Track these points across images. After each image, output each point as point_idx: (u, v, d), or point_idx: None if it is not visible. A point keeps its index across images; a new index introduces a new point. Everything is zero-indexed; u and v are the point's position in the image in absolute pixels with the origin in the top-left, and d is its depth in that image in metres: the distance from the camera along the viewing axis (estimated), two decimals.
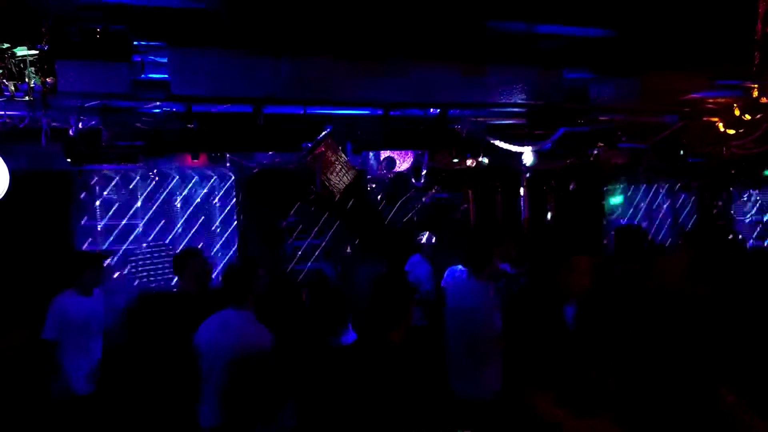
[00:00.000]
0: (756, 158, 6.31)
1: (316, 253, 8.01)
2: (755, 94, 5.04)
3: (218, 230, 8.01)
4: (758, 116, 5.36)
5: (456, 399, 3.92)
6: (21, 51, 2.78)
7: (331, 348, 4.09)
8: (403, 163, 6.86)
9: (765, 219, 8.80)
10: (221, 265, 7.62)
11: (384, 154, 6.71)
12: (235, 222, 8.04)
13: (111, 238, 7.55)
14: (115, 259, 7.41)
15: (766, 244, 8.37)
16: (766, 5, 3.07)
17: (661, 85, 5.16)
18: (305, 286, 5.83)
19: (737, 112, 5.40)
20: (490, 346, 3.79)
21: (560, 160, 7.00)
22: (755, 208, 8.97)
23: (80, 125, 4.26)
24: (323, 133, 5.40)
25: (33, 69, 2.83)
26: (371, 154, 6.76)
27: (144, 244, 7.68)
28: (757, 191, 8.84)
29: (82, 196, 7.45)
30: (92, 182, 7.46)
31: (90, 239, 7.43)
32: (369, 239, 7.90)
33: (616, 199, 9.04)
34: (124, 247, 7.60)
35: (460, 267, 5.52)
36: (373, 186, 7.19)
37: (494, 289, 4.13)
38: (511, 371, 3.22)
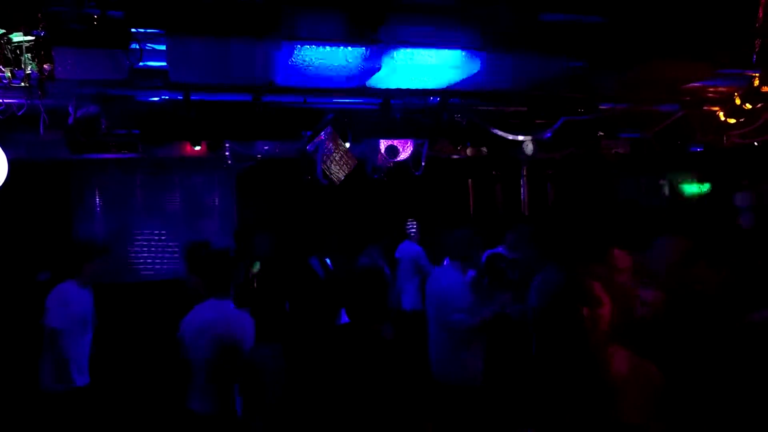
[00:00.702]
0: (757, 148, 6.30)
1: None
2: (756, 83, 5.02)
3: (217, 219, 8.01)
4: (759, 105, 5.34)
5: (437, 383, 3.98)
6: (17, 37, 2.76)
7: (325, 331, 4.14)
8: (403, 152, 6.85)
9: None
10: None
11: (386, 142, 6.70)
12: (234, 211, 8.04)
13: (109, 227, 7.55)
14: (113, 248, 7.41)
15: None
16: None
17: (662, 74, 5.13)
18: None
19: (738, 101, 5.37)
20: (466, 332, 3.86)
21: (560, 149, 6.99)
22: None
23: (78, 113, 4.24)
24: (323, 121, 5.40)
25: (29, 55, 2.81)
26: (371, 143, 6.74)
27: (142, 234, 7.69)
28: None
29: (82, 185, 7.45)
30: (91, 171, 7.45)
31: (89, 228, 7.44)
32: (366, 228, 7.91)
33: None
34: (121, 237, 7.61)
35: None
36: (375, 176, 7.18)
37: (473, 276, 4.17)
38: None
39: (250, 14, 3.74)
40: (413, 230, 7.46)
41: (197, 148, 6.12)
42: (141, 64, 3.90)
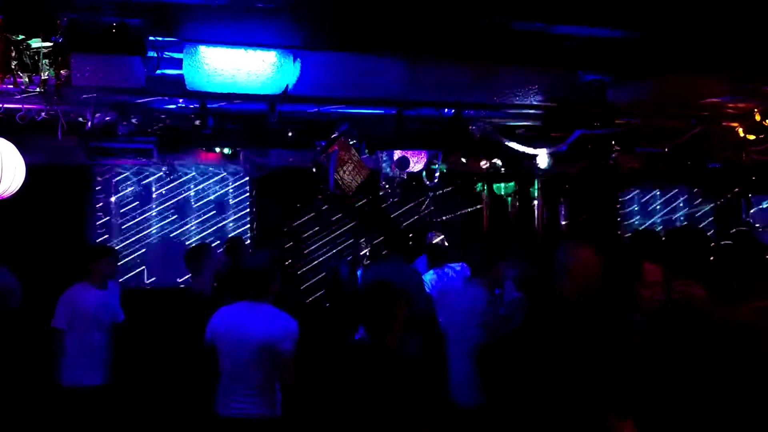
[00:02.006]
0: None
1: (330, 251, 8.03)
2: None
3: (231, 227, 8.05)
4: None
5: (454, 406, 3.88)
6: (35, 43, 2.81)
7: (344, 345, 4.10)
8: (417, 163, 6.84)
9: None
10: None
11: (398, 153, 6.70)
12: (249, 219, 8.08)
13: (125, 233, 7.63)
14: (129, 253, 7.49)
15: None
16: None
17: (680, 88, 5.08)
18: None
19: (758, 118, 5.30)
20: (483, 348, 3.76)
21: (575, 163, 6.93)
22: None
23: (96, 120, 4.30)
24: (337, 131, 5.42)
25: (47, 61, 2.86)
26: (384, 153, 6.75)
27: (158, 240, 7.75)
28: None
29: (98, 190, 7.54)
30: (108, 177, 7.54)
31: (105, 233, 7.52)
32: (383, 239, 7.90)
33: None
34: (137, 243, 7.67)
35: (445, 269, 5.48)
36: (386, 186, 7.18)
37: (492, 295, 4.07)
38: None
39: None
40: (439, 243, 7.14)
41: (213, 156, 6.18)
42: (158, 72, 3.96)
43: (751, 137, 5.69)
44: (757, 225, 8.71)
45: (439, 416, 2.56)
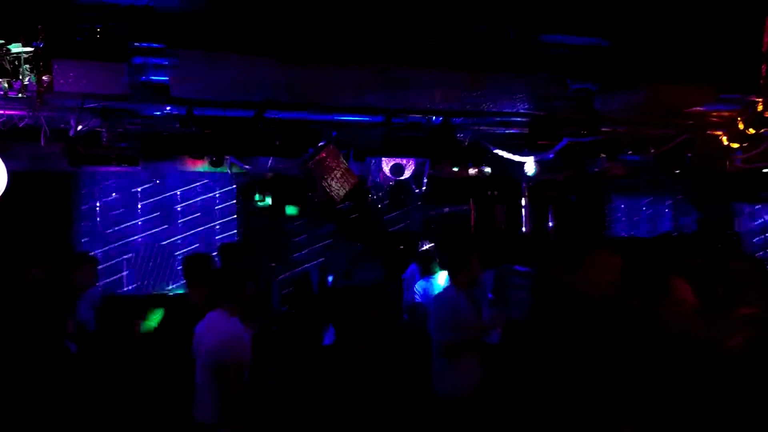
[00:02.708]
0: (759, 173, 6.27)
1: (317, 258, 7.98)
2: (760, 108, 5.00)
3: (218, 234, 7.98)
4: (762, 130, 5.31)
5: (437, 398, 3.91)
6: (16, 48, 2.76)
7: (313, 349, 4.07)
8: (405, 170, 6.85)
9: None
10: None
11: (390, 160, 6.70)
12: (236, 226, 8.01)
13: (110, 240, 7.53)
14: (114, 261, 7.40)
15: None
16: None
17: (666, 97, 5.13)
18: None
19: (741, 126, 5.35)
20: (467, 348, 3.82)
21: (562, 170, 6.97)
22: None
23: (80, 126, 4.25)
24: (325, 139, 5.40)
25: (28, 66, 2.81)
26: (372, 161, 6.75)
27: (143, 247, 7.66)
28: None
29: (82, 197, 7.45)
30: (92, 183, 7.45)
31: (89, 241, 7.42)
32: (369, 246, 7.88)
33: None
34: (121, 249, 7.59)
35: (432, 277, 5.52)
36: (374, 194, 7.17)
37: (473, 296, 4.09)
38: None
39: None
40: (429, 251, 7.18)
41: (199, 162, 6.13)
42: (143, 78, 3.93)
43: (735, 145, 5.75)
44: (742, 232, 8.81)
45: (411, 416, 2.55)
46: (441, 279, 5.57)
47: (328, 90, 4.41)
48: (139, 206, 7.69)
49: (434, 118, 5.38)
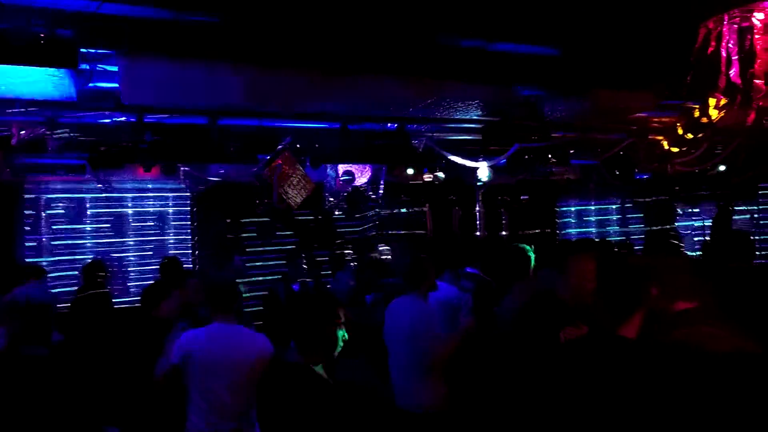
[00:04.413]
0: (697, 175, 6.61)
1: (273, 267, 7.90)
2: (696, 114, 5.28)
3: (172, 243, 7.79)
4: (699, 135, 5.62)
5: (400, 411, 3.87)
6: None
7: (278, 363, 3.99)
8: (361, 177, 6.88)
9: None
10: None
11: (343, 167, 6.71)
12: (190, 235, 7.85)
13: (57, 252, 7.26)
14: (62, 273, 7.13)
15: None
16: (705, 30, 3.24)
17: (610, 103, 5.35)
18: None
19: (680, 131, 5.64)
20: (426, 361, 3.76)
21: (514, 175, 7.15)
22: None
23: (23, 135, 4.09)
24: (280, 145, 5.37)
25: None
26: (329, 167, 6.74)
27: (92, 258, 7.41)
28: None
29: (27, 207, 7.15)
30: (37, 194, 7.17)
31: (35, 252, 7.13)
32: (330, 254, 7.87)
33: None
34: (70, 261, 7.32)
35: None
36: (331, 200, 7.17)
37: (433, 305, 4.06)
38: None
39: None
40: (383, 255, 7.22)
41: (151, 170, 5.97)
42: (91, 85, 3.82)
43: (675, 150, 6.05)
44: (683, 232, 9.24)
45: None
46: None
47: (284, 97, 4.40)
48: (88, 215, 7.44)
49: (389, 124, 5.45)
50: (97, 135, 4.53)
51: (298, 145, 5.44)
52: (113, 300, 5.75)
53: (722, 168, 6.92)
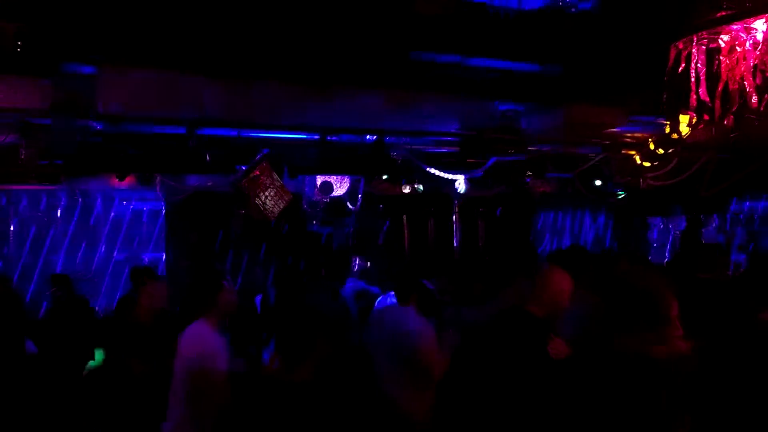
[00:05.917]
0: (668, 189, 6.76)
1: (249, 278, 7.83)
2: (667, 130, 5.42)
3: (146, 254, 7.69)
4: (670, 150, 5.77)
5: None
6: None
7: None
8: (340, 188, 6.87)
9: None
10: None
11: (321, 178, 6.70)
12: (164, 246, 7.75)
13: (27, 262, 7.10)
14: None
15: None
16: (676, 50, 3.34)
17: (584, 118, 5.46)
18: None
19: (652, 146, 5.78)
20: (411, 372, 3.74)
21: (491, 188, 7.23)
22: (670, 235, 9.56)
23: None
24: (258, 156, 5.34)
25: None
26: (307, 178, 6.73)
27: (64, 268, 7.26)
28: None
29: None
30: (7, 202, 7.02)
31: (1, 262, 6.97)
32: (307, 264, 7.83)
33: None
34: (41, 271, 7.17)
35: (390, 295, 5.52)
36: (308, 211, 7.14)
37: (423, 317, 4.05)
38: None
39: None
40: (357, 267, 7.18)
41: (126, 180, 5.88)
42: (67, 93, 3.77)
43: (647, 164, 6.20)
44: (654, 244, 9.44)
45: None
46: None
47: (263, 108, 4.39)
48: (61, 224, 7.30)
49: (368, 136, 5.47)
50: (71, 143, 4.45)
51: (276, 156, 5.41)
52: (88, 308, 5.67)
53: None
